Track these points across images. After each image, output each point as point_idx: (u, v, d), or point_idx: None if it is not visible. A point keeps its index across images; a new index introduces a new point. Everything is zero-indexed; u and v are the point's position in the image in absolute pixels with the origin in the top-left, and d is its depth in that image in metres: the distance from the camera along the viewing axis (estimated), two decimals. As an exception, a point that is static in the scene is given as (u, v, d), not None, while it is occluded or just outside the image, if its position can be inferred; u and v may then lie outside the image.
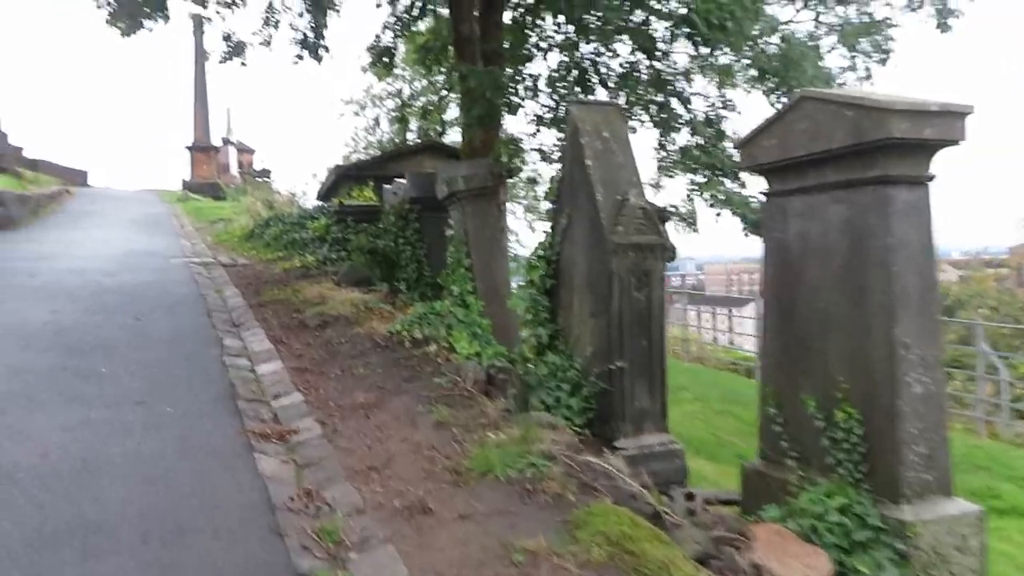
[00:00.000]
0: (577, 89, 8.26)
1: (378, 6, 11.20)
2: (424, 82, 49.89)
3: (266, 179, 48.62)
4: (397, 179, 10.86)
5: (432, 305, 6.84)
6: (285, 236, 12.99)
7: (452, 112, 50.01)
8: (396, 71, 49.83)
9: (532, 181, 12.59)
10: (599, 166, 5.82)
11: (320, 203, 24.67)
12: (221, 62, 11.20)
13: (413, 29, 11.44)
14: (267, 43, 11.08)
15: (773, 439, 4.39)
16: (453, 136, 50.15)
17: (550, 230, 6.44)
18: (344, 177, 18.73)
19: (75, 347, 6.19)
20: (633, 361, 5.55)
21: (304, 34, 9.89)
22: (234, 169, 48.17)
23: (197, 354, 6.27)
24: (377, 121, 51.54)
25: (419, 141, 23.48)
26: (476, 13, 9.46)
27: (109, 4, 10.25)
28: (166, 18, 10.58)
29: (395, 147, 47.92)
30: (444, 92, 49.03)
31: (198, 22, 38.97)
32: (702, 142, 8.99)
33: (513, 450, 4.00)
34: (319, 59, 10.13)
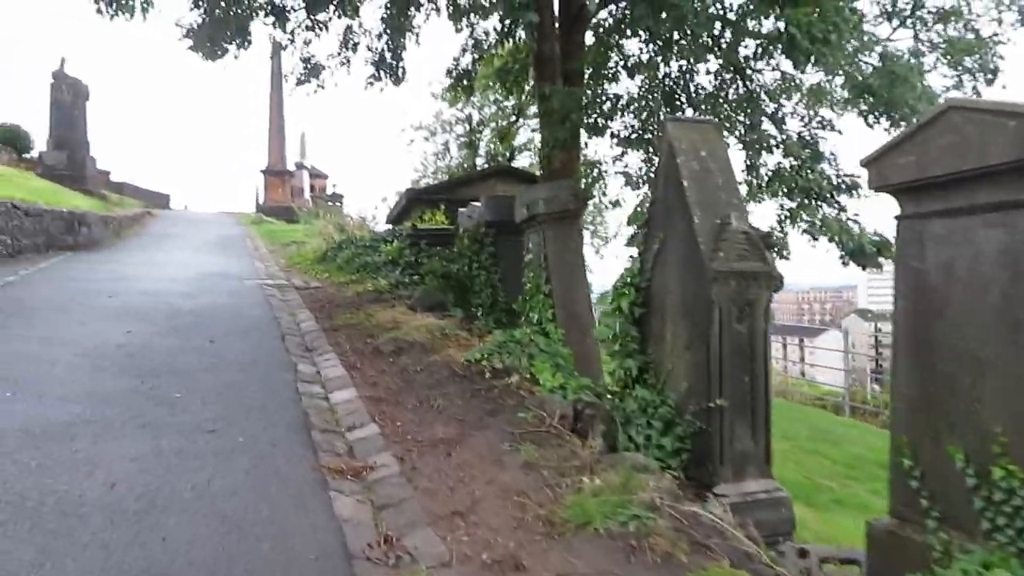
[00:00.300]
0: (665, 109, 7.86)
1: (458, 30, 11.06)
2: (493, 108, 50.35)
3: (337, 203, 49.59)
4: (472, 203, 10.63)
5: (512, 333, 6.49)
6: (357, 259, 12.88)
7: (522, 136, 50.12)
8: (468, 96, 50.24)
9: (615, 204, 12.17)
10: (696, 187, 5.41)
11: (391, 226, 24.78)
12: (298, 84, 11.20)
13: (492, 52, 11.26)
14: (345, 64, 11.03)
15: (909, 496, 3.86)
16: (522, 160, 50.31)
17: (639, 255, 6.04)
18: (416, 201, 18.68)
19: (149, 370, 6.04)
20: (734, 399, 5.09)
21: (382, 55, 9.78)
22: (307, 193, 49.24)
23: (270, 379, 6.05)
24: (447, 146, 52.13)
25: (490, 166, 23.41)
26: (557, 32, 9.18)
27: (192, 31, 10.36)
28: (247, 43, 10.65)
29: (466, 172, 48.35)
30: (513, 117, 49.35)
31: (276, 49, 40.28)
32: (796, 163, 8.45)
33: (612, 499, 3.59)
34: (397, 81, 10.01)
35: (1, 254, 12.84)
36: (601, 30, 10.00)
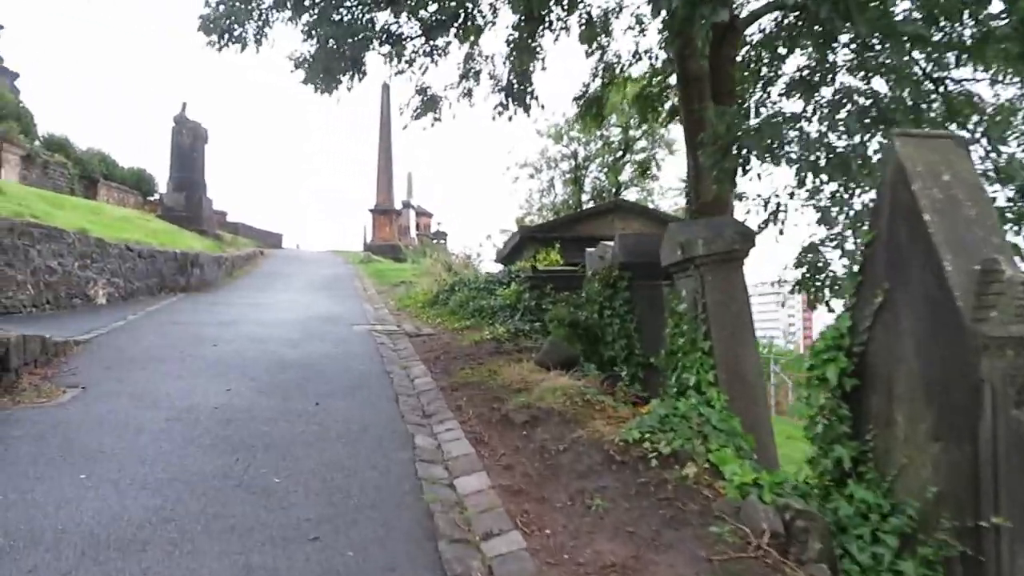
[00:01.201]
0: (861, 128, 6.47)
1: (588, 54, 10.06)
2: (599, 143, 49.32)
3: (441, 241, 49.64)
4: (603, 242, 9.48)
5: (675, 405, 5.24)
6: (472, 303, 11.92)
7: (627, 172, 48.60)
8: (572, 133, 49.65)
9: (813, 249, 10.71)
10: (942, 222, 4.06)
11: (501, 266, 23.92)
12: (415, 118, 10.40)
13: (624, 75, 10.15)
14: (467, 95, 10.17)
15: None
16: (629, 196, 48.88)
17: (849, 310, 4.70)
18: (529, 239, 17.74)
19: (245, 444, 5.12)
20: (1017, 516, 3.66)
21: (509, 83, 8.83)
22: (413, 231, 49.50)
23: (384, 458, 5.01)
24: (552, 183, 51.52)
25: (607, 201, 22.26)
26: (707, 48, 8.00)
27: (306, 62, 9.76)
28: (362, 75, 9.96)
29: (582, 208, 47.37)
30: (620, 152, 47.98)
31: (385, 89, 40.79)
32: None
33: None
34: (527, 109, 9.04)
35: (114, 296, 12.59)
36: (751, 43, 8.77)
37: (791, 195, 6.93)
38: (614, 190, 49.20)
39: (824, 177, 6.26)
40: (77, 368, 7.32)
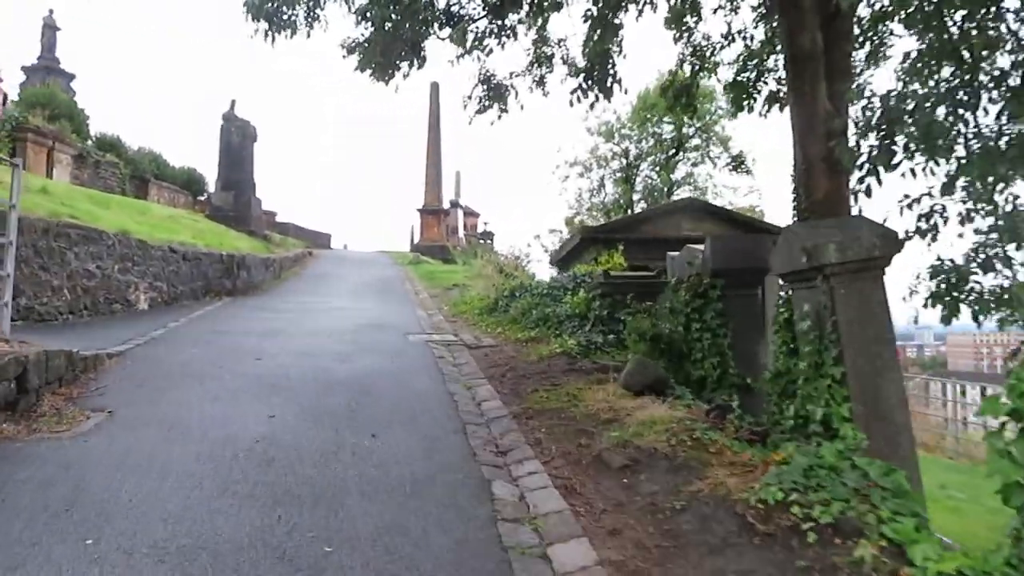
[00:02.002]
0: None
1: (676, 39, 9.00)
2: (651, 141, 47.93)
3: (488, 241, 48.82)
4: (689, 245, 8.42)
5: (818, 453, 4.18)
6: (535, 311, 10.92)
7: (680, 170, 47.13)
8: (623, 131, 48.28)
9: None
10: None
11: (555, 269, 22.88)
12: (479, 111, 9.42)
13: (714, 59, 9.01)
14: (539, 82, 9.18)
15: None
16: (681, 194, 47.39)
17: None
18: (590, 240, 16.70)
19: (289, 494, 4.20)
20: None
21: (590, 64, 7.79)
22: (461, 232, 48.77)
23: (459, 516, 4.05)
24: (602, 182, 50.30)
25: (677, 200, 21.06)
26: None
27: (360, 47, 8.89)
28: (421, 61, 9.07)
29: (649, 207, 46.07)
30: (673, 150, 46.52)
31: (434, 87, 40.06)
32: None
33: None
34: (608, 93, 8.00)
35: (156, 301, 11.92)
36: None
37: (944, 194, 5.77)
38: (666, 189, 47.91)
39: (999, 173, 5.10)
40: (107, 386, 6.53)
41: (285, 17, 8.19)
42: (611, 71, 7.86)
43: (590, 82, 7.86)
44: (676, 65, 9.04)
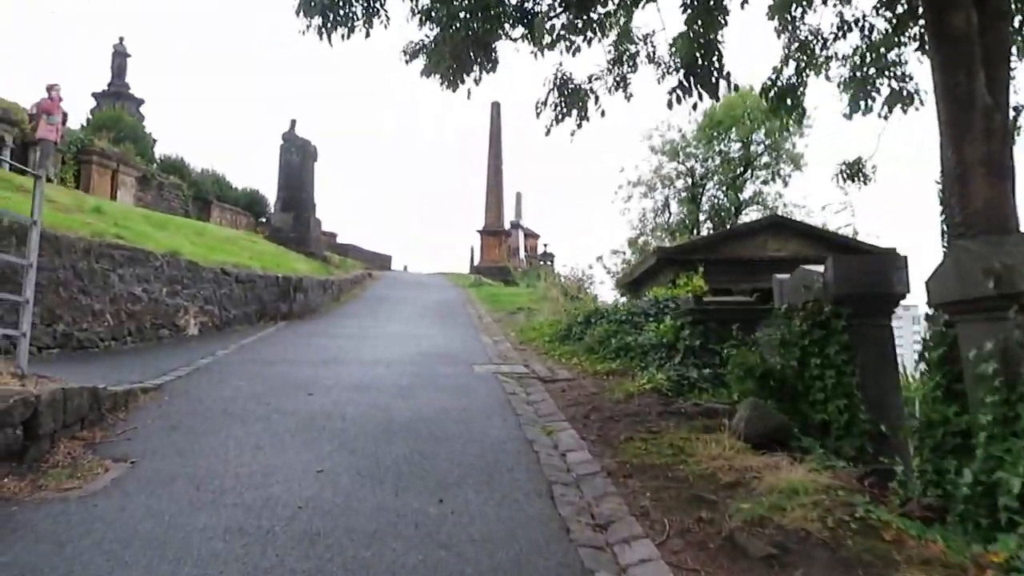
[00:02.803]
0: None
1: (779, 32, 7.88)
2: (718, 160, 46.42)
3: (548, 263, 47.88)
4: (806, 267, 7.21)
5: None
6: (614, 339, 9.82)
7: (748, 189, 45.37)
8: (688, 150, 46.92)
9: None
10: None
11: (620, 292, 21.68)
12: (557, 120, 8.42)
13: (825, 53, 7.83)
14: (620, 84, 8.16)
15: None
16: (751, 215, 45.58)
17: None
18: (667, 262, 15.54)
19: (333, 592, 3.22)
20: None
21: (692, 59, 6.71)
22: (522, 253, 47.95)
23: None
24: (667, 202, 48.94)
25: (761, 218, 19.67)
26: None
27: (426, 50, 8.04)
28: (493, 64, 8.18)
29: (732, 226, 44.66)
30: (741, 168, 44.87)
31: (495, 106, 39.46)
32: None
33: None
34: (714, 90, 6.91)
35: (207, 326, 11.22)
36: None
37: None
38: (734, 208, 46.25)
39: None
40: (136, 429, 5.70)
41: (342, 13, 7.38)
42: (716, 65, 6.78)
43: (692, 79, 6.80)
44: (780, 62, 7.90)
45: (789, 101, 7.92)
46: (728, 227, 32.79)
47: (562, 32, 7.90)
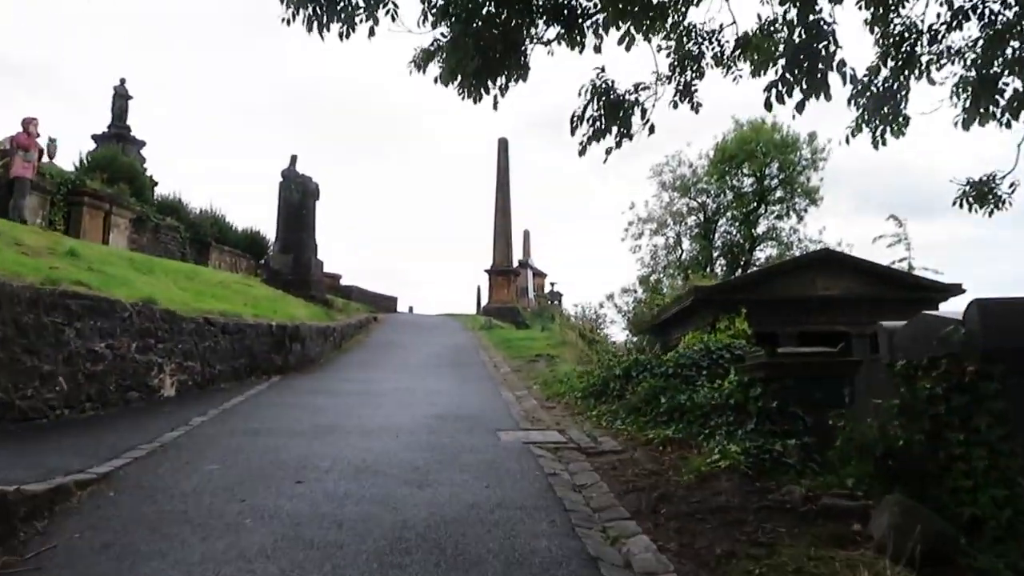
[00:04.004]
0: None
1: (871, 24, 6.48)
2: (730, 195, 45.08)
3: (556, 302, 46.39)
4: (929, 312, 5.70)
5: None
6: (664, 397, 8.26)
7: (762, 225, 43.76)
8: (700, 185, 45.69)
9: None
10: None
11: (646, 336, 20.07)
12: (593, 138, 7.01)
13: (931, 49, 6.41)
14: (685, 93, 6.73)
15: None
16: (765, 252, 44.17)
17: None
18: (704, 302, 14.02)
19: None
20: None
21: (798, 47, 5.27)
22: (531, 293, 46.50)
23: None
24: (679, 238, 47.61)
25: (809, 252, 18.09)
26: None
27: (444, 53, 6.66)
28: (523, 71, 6.79)
29: (712, 264, 42.88)
30: (754, 203, 43.50)
31: (503, 143, 38.29)
32: None
33: None
34: (822, 87, 5.41)
35: (186, 385, 9.70)
36: None
37: None
38: (747, 245, 44.88)
39: None
40: (55, 548, 4.16)
41: (340, 5, 5.98)
42: (825, 51, 5.36)
43: (796, 73, 5.36)
44: (876, 60, 6.47)
45: (886, 109, 6.48)
46: (770, 263, 31.18)
47: (601, 32, 6.48)
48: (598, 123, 7.20)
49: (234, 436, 7.22)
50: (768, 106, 5.59)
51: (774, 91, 5.51)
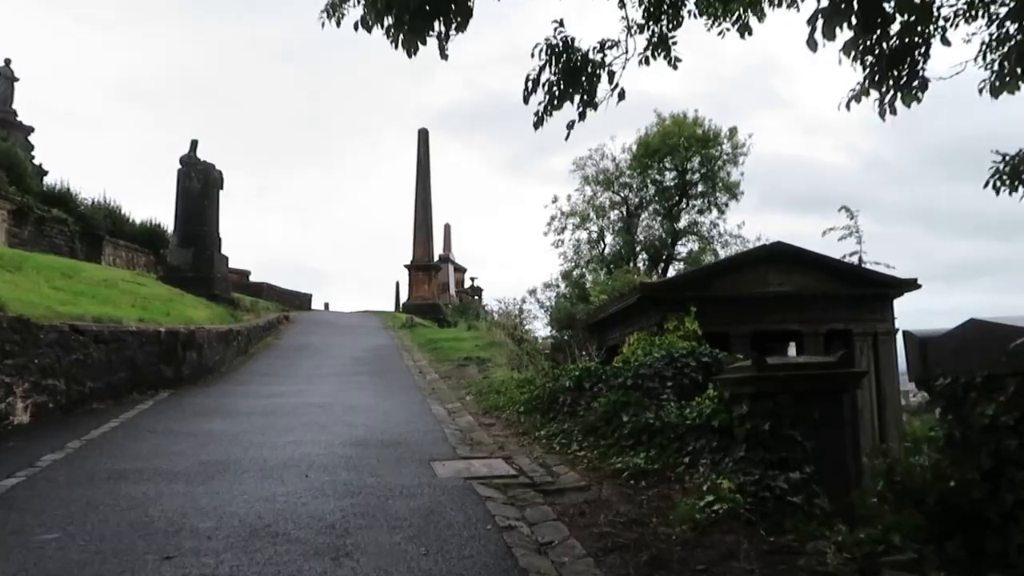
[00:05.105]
0: None
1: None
2: (652, 189, 44.69)
3: (476, 298, 45.14)
4: (978, 319, 4.60)
5: None
6: (627, 415, 7.02)
7: (684, 219, 43.57)
8: (623, 179, 45.16)
9: None
10: None
11: (592, 333, 18.90)
12: (550, 107, 5.74)
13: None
14: (660, 45, 5.48)
15: None
16: (688, 246, 44.00)
17: None
18: (651, 300, 12.91)
19: None
20: None
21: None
22: (452, 288, 45.07)
23: None
24: (602, 233, 46.98)
25: (759, 247, 17.13)
26: None
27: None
28: (465, 18, 5.39)
29: (635, 259, 42.23)
30: (677, 197, 43.22)
31: (423, 134, 36.65)
32: None
33: None
34: (879, 16, 4.24)
35: (47, 408, 7.94)
36: None
37: None
38: (670, 240, 44.62)
39: None
40: None
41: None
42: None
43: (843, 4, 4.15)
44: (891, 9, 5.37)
45: (897, 71, 5.40)
46: (721, 258, 30.36)
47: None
48: (556, 89, 5.91)
49: (92, 483, 5.59)
50: (812, 45, 4.39)
51: (820, 23, 4.29)
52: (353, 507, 5.10)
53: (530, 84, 5.86)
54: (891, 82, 5.39)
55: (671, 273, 41.07)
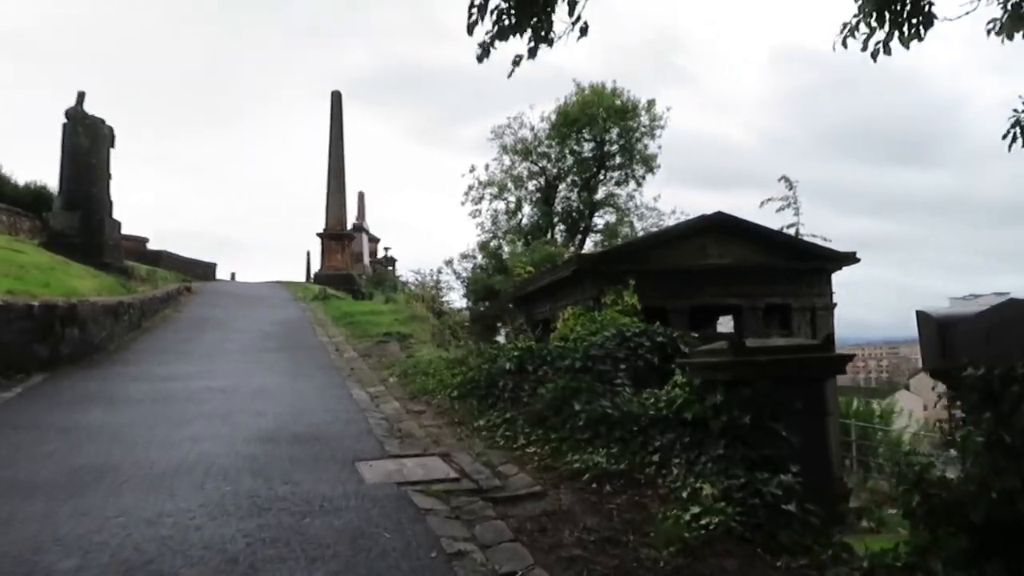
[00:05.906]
0: None
1: None
2: (570, 159, 44.19)
3: (391, 268, 43.83)
4: (1001, 295, 3.93)
5: None
6: (579, 403, 6.19)
7: (602, 191, 43.35)
8: (541, 149, 44.49)
9: None
10: None
11: (515, 306, 18.07)
12: (496, 38, 4.82)
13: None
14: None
15: None
16: (605, 217, 43.71)
17: None
18: (588, 273, 12.13)
19: None
20: None
21: None
22: (366, 258, 43.51)
23: None
24: (519, 204, 46.31)
25: (701, 217, 16.66)
26: None
27: None
28: None
29: (553, 231, 41.57)
30: (595, 168, 42.70)
31: (336, 96, 34.78)
32: None
33: None
34: None
35: None
36: None
37: None
38: (587, 211, 44.31)
39: None
40: None
41: None
42: None
43: None
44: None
45: (900, 5, 4.69)
46: (659, 229, 29.78)
47: None
48: (507, 18, 4.95)
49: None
50: None
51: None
52: (261, 530, 4.08)
53: (475, 12, 4.88)
54: (889, 16, 4.67)
55: (588, 245, 40.84)
